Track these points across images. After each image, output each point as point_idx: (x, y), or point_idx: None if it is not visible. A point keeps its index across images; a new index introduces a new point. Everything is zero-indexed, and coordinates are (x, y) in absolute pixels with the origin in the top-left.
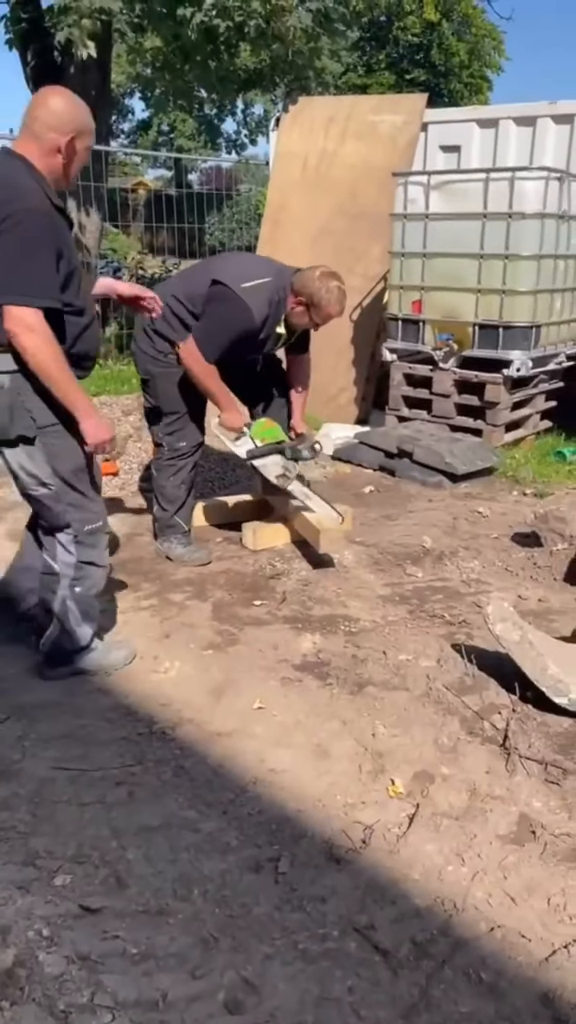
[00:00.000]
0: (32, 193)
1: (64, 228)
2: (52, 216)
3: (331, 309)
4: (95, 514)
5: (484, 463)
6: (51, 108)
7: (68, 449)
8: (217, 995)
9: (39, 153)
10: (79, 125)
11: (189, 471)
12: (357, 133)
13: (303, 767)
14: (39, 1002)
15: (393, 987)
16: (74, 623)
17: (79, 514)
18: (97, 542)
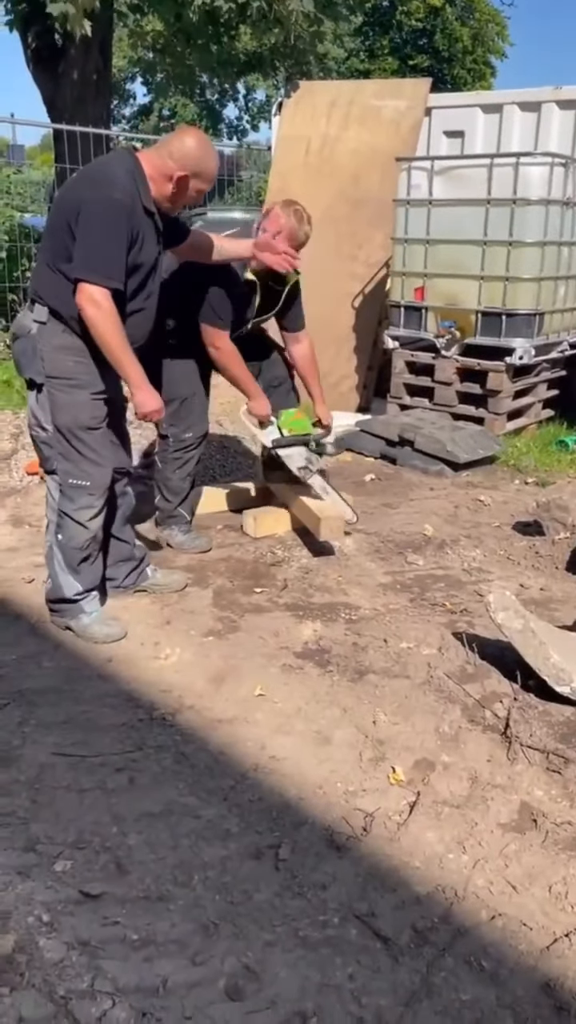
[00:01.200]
0: (121, 187)
1: (145, 228)
2: (134, 211)
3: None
4: (84, 472)
5: (486, 452)
6: (184, 142)
7: (70, 405)
8: (218, 981)
9: (154, 169)
10: (200, 168)
11: (195, 464)
12: (360, 118)
13: (304, 754)
14: (39, 988)
15: (394, 974)
16: (58, 568)
17: (67, 465)
18: (77, 497)
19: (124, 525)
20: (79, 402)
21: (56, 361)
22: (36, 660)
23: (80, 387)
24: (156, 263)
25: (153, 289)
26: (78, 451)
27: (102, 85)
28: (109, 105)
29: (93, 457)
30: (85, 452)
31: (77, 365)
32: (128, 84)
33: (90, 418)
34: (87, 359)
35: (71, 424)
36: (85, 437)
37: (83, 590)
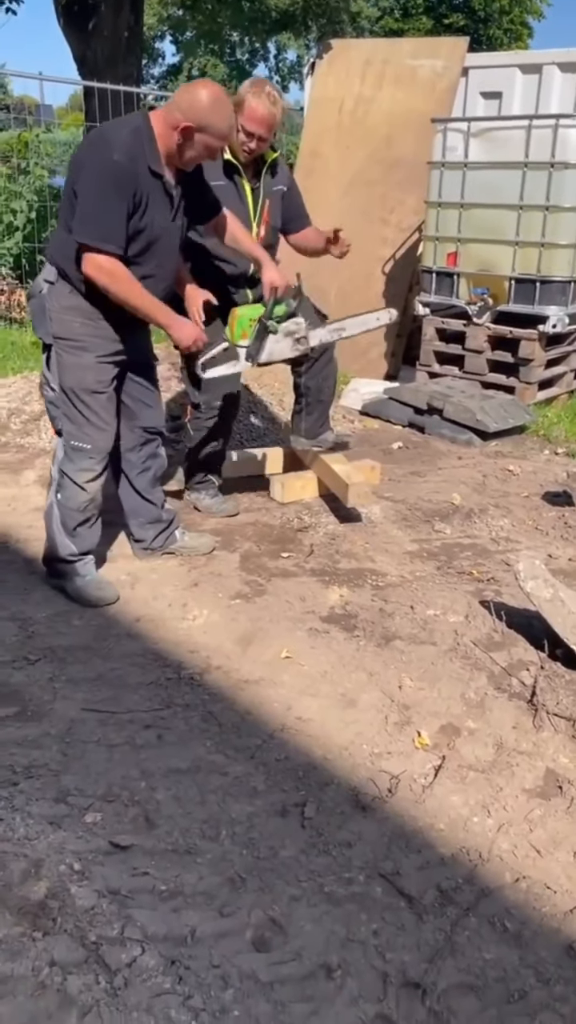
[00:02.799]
0: (122, 145)
1: (151, 191)
2: (135, 173)
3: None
4: (87, 436)
5: (516, 421)
6: (194, 93)
7: (75, 367)
8: (244, 933)
9: (163, 124)
10: (209, 122)
11: (225, 431)
12: (395, 78)
13: (329, 716)
14: (71, 933)
15: (418, 932)
16: (55, 528)
17: (71, 427)
18: (78, 459)
19: (154, 487)
20: (84, 364)
21: (63, 322)
22: (66, 618)
23: (86, 349)
24: (168, 230)
25: (164, 258)
26: (81, 414)
27: (133, 42)
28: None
29: (96, 421)
30: (88, 415)
31: (83, 327)
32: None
33: (95, 381)
34: (94, 321)
35: (75, 386)
36: (88, 400)
37: (78, 552)
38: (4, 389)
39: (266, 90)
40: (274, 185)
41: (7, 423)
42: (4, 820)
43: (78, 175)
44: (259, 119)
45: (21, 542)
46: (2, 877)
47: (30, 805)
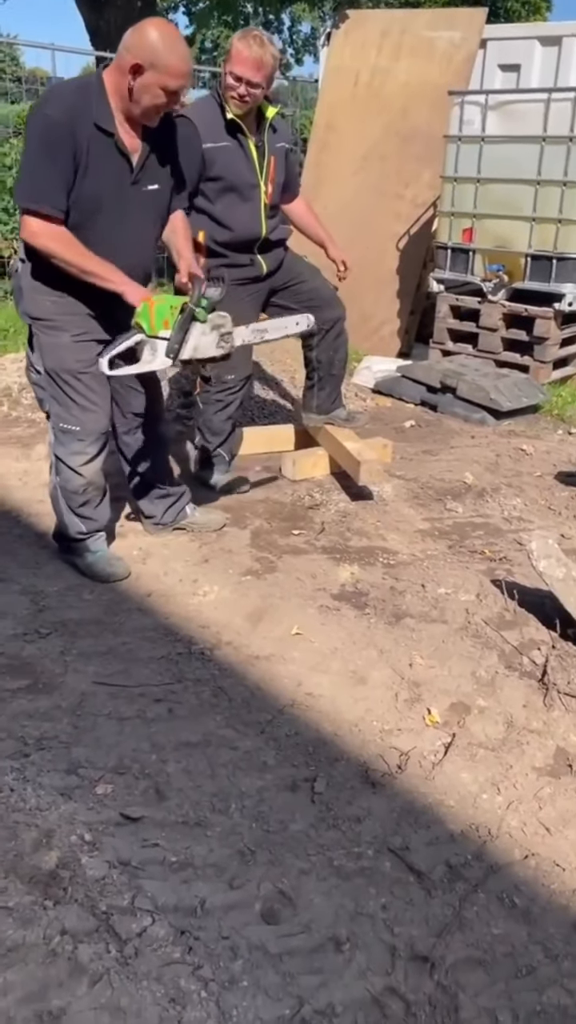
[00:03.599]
0: (58, 101)
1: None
2: (73, 128)
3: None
4: (74, 418)
5: (530, 400)
6: (141, 31)
7: (53, 347)
8: (254, 905)
9: (112, 70)
10: (156, 58)
11: (237, 406)
12: (412, 49)
13: (340, 693)
14: (81, 903)
15: (427, 906)
16: (61, 509)
17: (58, 409)
18: (67, 442)
19: (157, 465)
20: (61, 344)
21: (35, 301)
22: (77, 592)
23: (60, 328)
24: (126, 194)
25: (122, 225)
26: (67, 395)
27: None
28: None
29: (82, 402)
30: (74, 396)
31: (55, 305)
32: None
33: (74, 361)
34: (66, 299)
35: (56, 367)
36: (71, 381)
37: (86, 531)
38: (15, 364)
39: (252, 34)
40: (277, 142)
41: (18, 398)
42: (16, 791)
43: None
44: (245, 60)
45: (33, 516)
46: (14, 847)
47: (41, 776)
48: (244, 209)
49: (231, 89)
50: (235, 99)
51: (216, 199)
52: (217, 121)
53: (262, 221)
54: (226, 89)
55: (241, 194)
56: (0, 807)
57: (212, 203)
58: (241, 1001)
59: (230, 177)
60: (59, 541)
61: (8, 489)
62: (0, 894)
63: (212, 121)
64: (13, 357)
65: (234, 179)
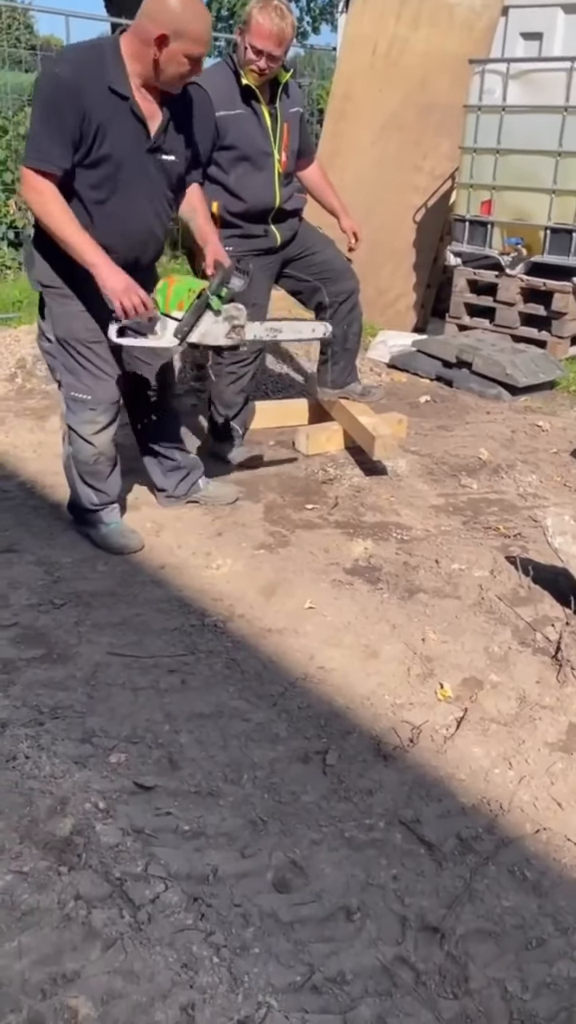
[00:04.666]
0: (69, 61)
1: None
2: (82, 89)
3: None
4: (86, 387)
5: (547, 376)
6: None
7: (62, 315)
8: (265, 874)
9: (134, 40)
10: (181, 26)
11: (249, 379)
12: (431, 17)
13: (352, 666)
14: (95, 869)
15: (437, 878)
16: (74, 479)
17: (69, 378)
18: (79, 411)
19: (171, 436)
20: (72, 312)
21: (46, 268)
22: (91, 564)
23: (71, 297)
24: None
25: (136, 193)
26: (78, 363)
27: None
28: None
29: (93, 371)
30: (84, 365)
31: (65, 273)
32: None
33: (84, 329)
34: (74, 267)
35: (67, 335)
36: (82, 349)
37: (98, 502)
38: (30, 336)
39: (272, 4)
40: (290, 107)
41: (32, 370)
42: (31, 758)
43: None
44: (267, 34)
45: (48, 488)
46: (28, 813)
47: (56, 744)
48: (258, 179)
49: (251, 63)
50: (254, 72)
51: (230, 169)
52: (232, 88)
53: (276, 190)
54: (246, 62)
55: (255, 163)
56: (15, 774)
57: (226, 173)
58: (252, 967)
59: (244, 146)
60: (73, 512)
61: (23, 460)
62: (15, 859)
63: (227, 88)
64: (27, 328)
65: (248, 148)
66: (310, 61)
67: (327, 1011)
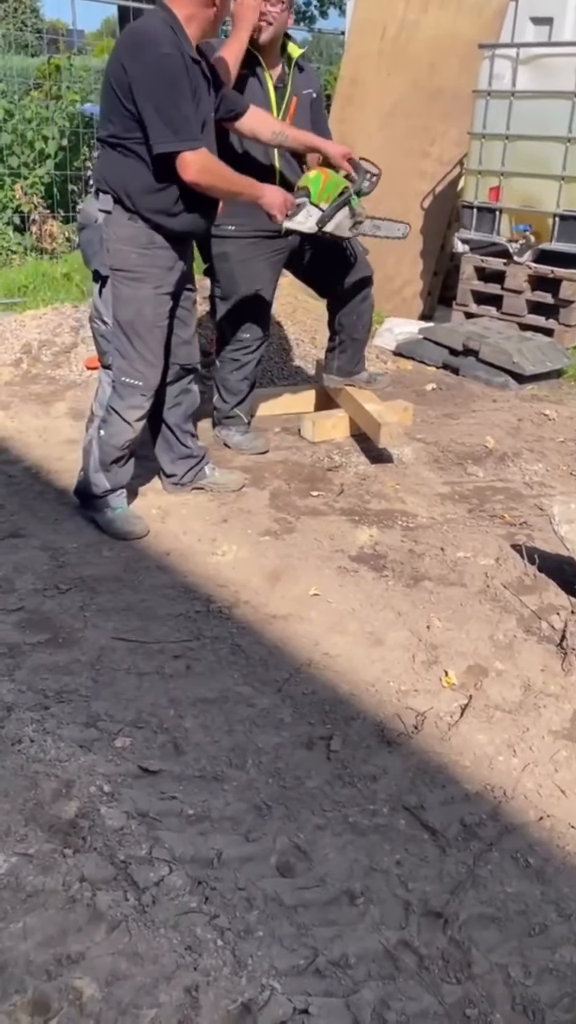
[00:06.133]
0: (164, 38)
1: (198, 79)
2: (184, 63)
3: None
4: (138, 372)
5: (554, 364)
6: None
7: (131, 299)
8: (269, 858)
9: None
10: None
11: (254, 366)
12: (441, 1)
13: (357, 653)
14: (100, 852)
15: (441, 864)
16: (93, 467)
17: (122, 362)
18: (128, 395)
19: (187, 422)
20: (142, 296)
21: (121, 253)
22: (97, 549)
23: (143, 281)
24: (211, 112)
25: (212, 137)
26: (136, 348)
27: None
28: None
29: (149, 357)
30: (142, 351)
31: (141, 257)
32: None
33: (153, 314)
34: (152, 251)
35: (133, 319)
36: (145, 335)
37: (110, 488)
38: (35, 321)
39: None
40: (303, 85)
41: (38, 355)
42: (36, 742)
43: (130, 85)
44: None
45: (53, 473)
46: (34, 796)
47: (61, 728)
48: (257, 147)
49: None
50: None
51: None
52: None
53: (275, 161)
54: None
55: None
56: (21, 757)
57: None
58: (256, 950)
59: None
60: (80, 497)
61: (28, 446)
62: (21, 841)
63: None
64: (32, 314)
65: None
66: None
67: (330, 994)
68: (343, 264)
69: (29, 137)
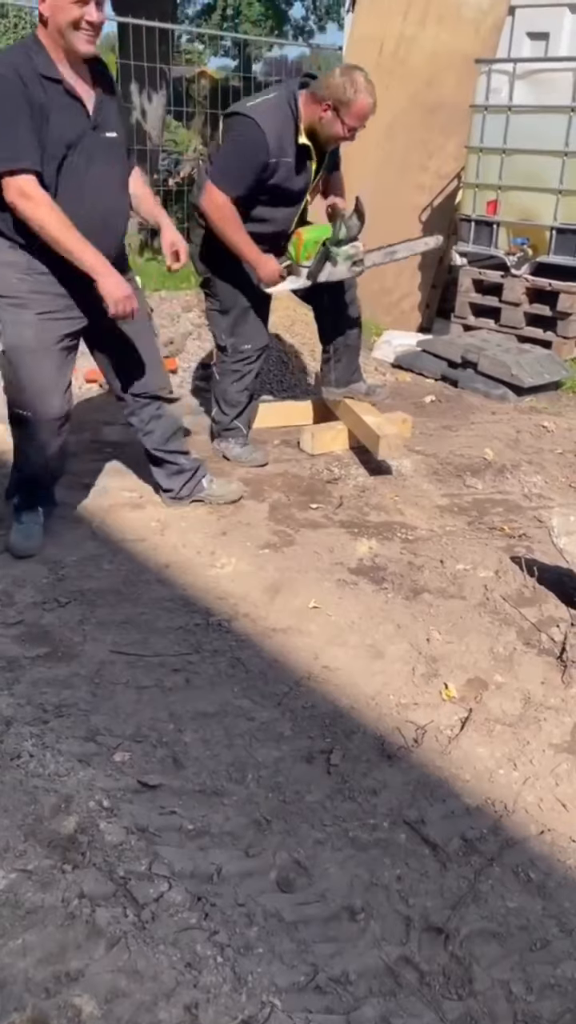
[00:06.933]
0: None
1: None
2: (19, 81)
3: (363, 103)
4: (26, 401)
5: (552, 376)
6: None
7: (15, 323)
8: (269, 873)
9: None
10: None
11: (253, 378)
12: (438, 17)
13: (357, 666)
14: (99, 867)
15: (442, 879)
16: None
17: (12, 392)
18: (22, 426)
19: (169, 443)
20: (24, 321)
21: (4, 278)
22: (96, 562)
23: (25, 306)
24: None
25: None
26: (21, 376)
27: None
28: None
29: (36, 386)
30: (27, 379)
31: (22, 282)
32: None
33: (36, 339)
34: (33, 276)
35: (17, 345)
36: (30, 362)
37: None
38: None
39: (369, 80)
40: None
41: None
42: (35, 756)
43: None
44: (367, 114)
45: None
46: (33, 811)
47: (60, 743)
48: (284, 212)
49: (340, 138)
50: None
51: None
52: (289, 138)
53: (294, 222)
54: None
55: (287, 200)
56: (20, 772)
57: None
58: (256, 967)
59: (283, 189)
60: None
61: None
62: (19, 857)
63: (285, 136)
64: None
65: (286, 191)
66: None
67: (331, 1011)
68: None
69: None
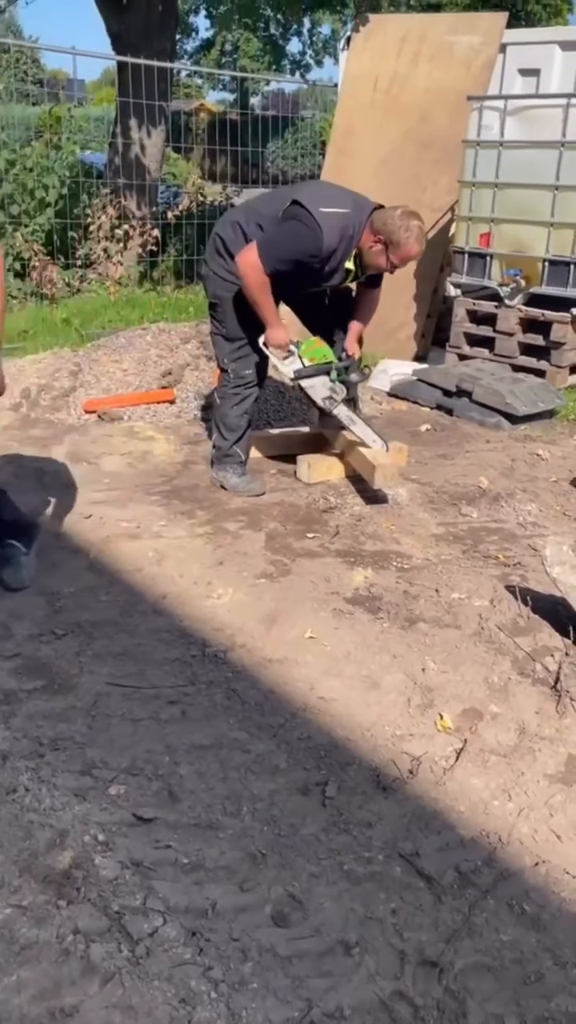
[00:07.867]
0: None
1: None
2: None
3: (410, 249)
4: None
5: (546, 405)
6: None
7: None
8: (264, 908)
9: None
10: None
11: (253, 401)
12: (431, 55)
13: (352, 697)
14: (94, 902)
15: (436, 912)
16: None
17: None
18: None
19: None
20: None
21: None
22: (94, 593)
23: None
24: None
25: None
26: None
27: (167, 17)
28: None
29: None
30: None
31: None
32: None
33: None
34: None
35: None
36: None
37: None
38: (34, 365)
39: (423, 229)
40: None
41: (37, 399)
42: (30, 791)
43: None
44: (413, 258)
45: (51, 518)
46: (28, 846)
47: (56, 776)
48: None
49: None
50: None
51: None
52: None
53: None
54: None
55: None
56: (15, 807)
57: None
58: (251, 1003)
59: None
60: None
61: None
62: (14, 893)
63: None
64: (32, 358)
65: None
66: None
67: None
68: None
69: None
